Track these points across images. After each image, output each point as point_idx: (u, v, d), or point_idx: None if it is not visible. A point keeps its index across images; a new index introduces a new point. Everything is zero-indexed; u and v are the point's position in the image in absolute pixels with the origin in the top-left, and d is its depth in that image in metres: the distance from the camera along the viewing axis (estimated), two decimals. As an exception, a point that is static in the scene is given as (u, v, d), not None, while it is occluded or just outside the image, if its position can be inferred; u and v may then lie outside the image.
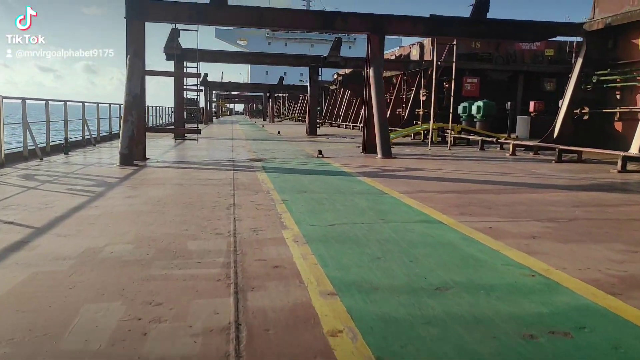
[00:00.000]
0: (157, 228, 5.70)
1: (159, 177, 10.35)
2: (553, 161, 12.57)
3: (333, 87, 45.20)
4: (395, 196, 7.57)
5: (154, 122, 35.31)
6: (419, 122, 26.90)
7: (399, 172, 10.81)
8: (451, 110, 17.59)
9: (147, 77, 14.78)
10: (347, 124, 38.36)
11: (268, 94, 60.71)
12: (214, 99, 74.42)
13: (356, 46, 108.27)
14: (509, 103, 20.70)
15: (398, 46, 45.06)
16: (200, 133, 14.51)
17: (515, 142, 14.07)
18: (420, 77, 27.85)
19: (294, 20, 14.62)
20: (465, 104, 21.98)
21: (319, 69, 25.99)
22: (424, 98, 27.72)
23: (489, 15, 14.97)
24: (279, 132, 27.19)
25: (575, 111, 14.60)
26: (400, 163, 12.46)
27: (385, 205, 6.95)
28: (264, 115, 66.80)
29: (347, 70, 44.20)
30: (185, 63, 25.12)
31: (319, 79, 26.66)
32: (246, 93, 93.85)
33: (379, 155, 13.79)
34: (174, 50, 23.74)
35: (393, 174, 10.39)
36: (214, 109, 76.10)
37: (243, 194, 7.95)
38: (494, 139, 16.05)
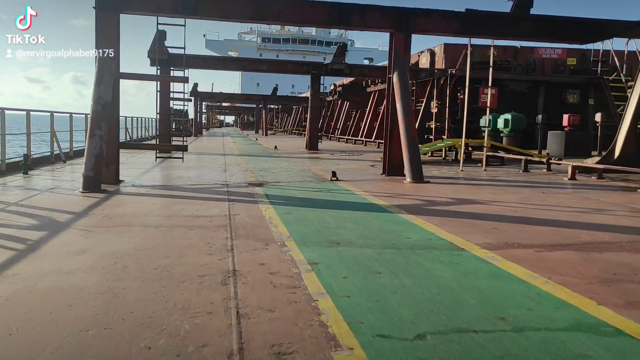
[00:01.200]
0: (91, 343, 3.04)
1: (128, 211, 7.67)
2: (638, 190, 10.05)
3: (330, 98, 42.73)
4: (483, 256, 4.95)
5: (139, 135, 32.59)
6: (430, 137, 24.45)
7: (451, 205, 8.20)
8: (487, 125, 15.06)
9: (129, 83, 12.20)
10: (347, 137, 35.83)
11: (261, 105, 58.17)
12: (204, 111, 71.77)
13: (348, 57, 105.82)
14: (539, 116, 18.31)
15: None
16: (186, 150, 11.87)
17: (575, 164, 11.56)
18: (431, 87, 25.45)
19: (302, 15, 12.06)
20: (489, 116, 19.50)
21: (321, 77, 23.48)
22: (436, 110, 25.33)
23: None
24: (275, 147, 24.57)
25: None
26: (440, 190, 9.87)
27: (481, 278, 4.31)
28: (256, 128, 64.26)
29: (346, 81, 41.84)
30: (172, 69, 22.55)
31: (321, 89, 24.12)
32: (237, 105, 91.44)
33: (408, 178, 11.19)
34: (159, 55, 21.18)
35: (445, 210, 7.78)
36: (204, 121, 73.44)
37: (246, 248, 5.31)
38: (544, 160, 13.47)
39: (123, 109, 12.68)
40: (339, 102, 42.81)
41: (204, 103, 69.92)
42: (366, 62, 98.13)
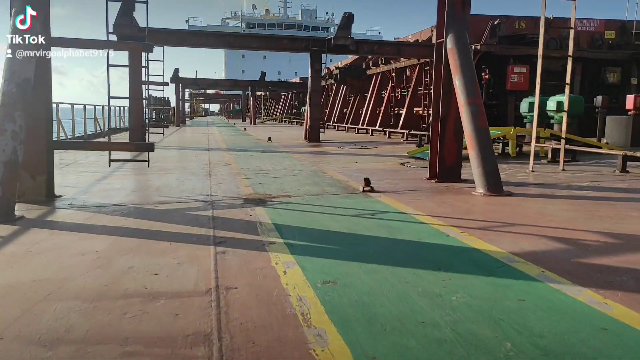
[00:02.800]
0: None
1: (26, 280, 4.02)
2: None
3: (324, 82, 38.87)
4: None
5: (115, 126, 28.67)
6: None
7: (633, 253, 4.60)
8: (562, 108, 11.52)
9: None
10: (347, 126, 32.14)
11: (248, 92, 54.15)
12: (187, 99, 67.65)
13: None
14: (599, 98, 14.86)
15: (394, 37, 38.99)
16: (152, 150, 8.18)
17: None
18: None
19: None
20: (532, 99, 16.00)
21: (323, 56, 19.74)
22: (455, 93, 21.74)
23: None
24: (269, 139, 20.86)
25: None
26: (554, 213, 6.29)
27: None
28: (243, 116, 60.23)
29: (341, 63, 38.07)
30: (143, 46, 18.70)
31: (322, 68, 20.32)
32: (222, 92, 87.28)
33: (480, 189, 7.61)
34: (125, 29, 17.39)
35: (621, 267, 4.19)
36: (187, 110, 69.25)
37: None
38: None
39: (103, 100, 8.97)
40: (334, 87, 39.08)
41: (187, 91, 65.80)
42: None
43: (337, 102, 38.28)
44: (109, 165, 8.60)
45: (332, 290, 3.64)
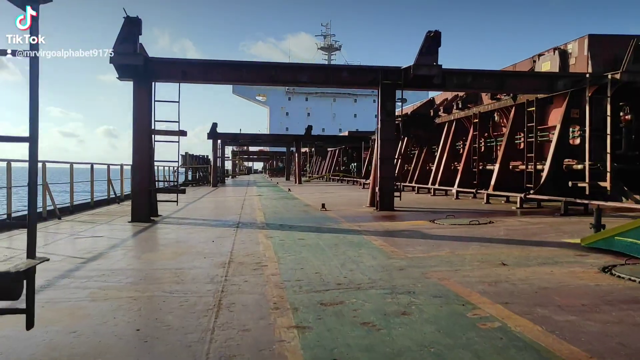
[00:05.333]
0: None
1: None
2: None
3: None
4: None
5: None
6: (581, 185, 14.83)
7: None
8: None
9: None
10: (418, 185, 26.10)
11: (292, 149, 49.33)
12: (227, 156, 63.70)
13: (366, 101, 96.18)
14: None
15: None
16: (22, 278, 2.63)
17: None
18: (568, 106, 15.97)
19: None
20: None
21: (397, 92, 14.34)
22: (578, 141, 15.83)
23: None
24: (323, 206, 15.27)
25: None
26: None
27: None
28: (287, 174, 55.36)
29: (401, 111, 32.75)
30: (154, 85, 13.77)
31: (397, 108, 14.77)
32: (265, 149, 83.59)
33: None
34: (127, 59, 12.62)
35: None
36: (227, 167, 65.25)
37: None
38: None
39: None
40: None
41: (228, 149, 61.89)
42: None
43: (397, 156, 32.64)
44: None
45: None
